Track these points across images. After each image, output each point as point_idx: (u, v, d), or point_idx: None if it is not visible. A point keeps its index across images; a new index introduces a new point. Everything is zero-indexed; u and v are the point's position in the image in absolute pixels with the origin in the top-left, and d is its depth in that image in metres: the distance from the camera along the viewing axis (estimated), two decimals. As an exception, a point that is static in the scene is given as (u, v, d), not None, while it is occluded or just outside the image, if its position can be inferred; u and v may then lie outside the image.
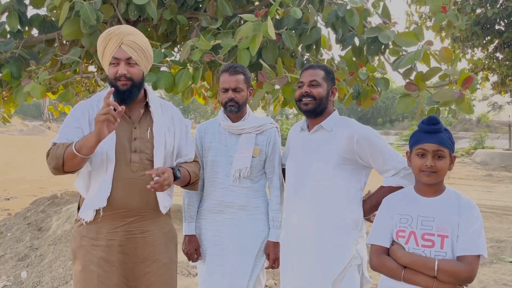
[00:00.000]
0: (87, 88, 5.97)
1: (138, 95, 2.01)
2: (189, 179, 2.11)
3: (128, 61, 1.94)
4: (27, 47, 3.88)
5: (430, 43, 2.96)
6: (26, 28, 3.98)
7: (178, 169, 2.00)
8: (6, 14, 3.69)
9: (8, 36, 3.87)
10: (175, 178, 1.96)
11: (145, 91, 2.08)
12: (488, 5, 9.39)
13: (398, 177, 2.08)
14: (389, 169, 2.10)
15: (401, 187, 2.03)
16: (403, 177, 2.07)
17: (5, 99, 4.38)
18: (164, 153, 2.02)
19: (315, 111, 2.19)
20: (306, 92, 2.17)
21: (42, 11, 3.88)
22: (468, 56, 10.67)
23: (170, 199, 2.10)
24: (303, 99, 2.18)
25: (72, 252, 2.04)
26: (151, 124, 2.03)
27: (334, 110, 2.26)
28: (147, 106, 2.07)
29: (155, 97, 2.13)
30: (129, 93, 1.96)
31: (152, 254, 2.02)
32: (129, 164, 1.96)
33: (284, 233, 2.31)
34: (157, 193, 1.98)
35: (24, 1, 3.80)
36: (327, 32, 3.90)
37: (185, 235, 2.43)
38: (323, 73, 2.21)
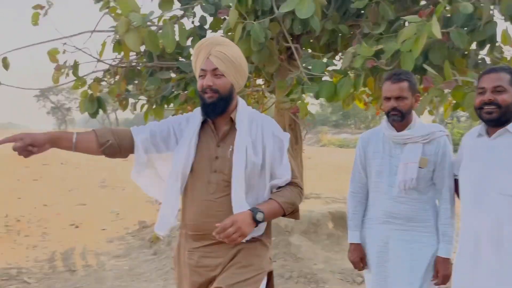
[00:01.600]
0: (256, 100, 6.49)
1: (225, 109, 1.87)
2: (283, 212, 1.86)
3: (214, 72, 1.82)
4: (208, 67, 4.43)
5: None
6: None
7: (260, 211, 1.76)
8: (191, 38, 4.30)
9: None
10: (257, 222, 1.75)
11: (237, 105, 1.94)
12: None
13: None
14: None
15: None
16: None
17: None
18: (246, 174, 1.81)
19: (500, 120, 1.97)
20: (490, 99, 1.96)
21: (219, 34, 4.39)
22: None
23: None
24: (485, 107, 1.97)
25: (173, 259, 2.11)
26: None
27: None
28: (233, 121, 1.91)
29: (245, 110, 1.94)
30: (213, 106, 1.84)
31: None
32: (207, 185, 1.85)
33: (461, 249, 2.13)
34: None
35: (204, 26, 4.37)
36: (506, 27, 3.47)
37: (350, 243, 2.46)
38: (508, 77, 1.96)
